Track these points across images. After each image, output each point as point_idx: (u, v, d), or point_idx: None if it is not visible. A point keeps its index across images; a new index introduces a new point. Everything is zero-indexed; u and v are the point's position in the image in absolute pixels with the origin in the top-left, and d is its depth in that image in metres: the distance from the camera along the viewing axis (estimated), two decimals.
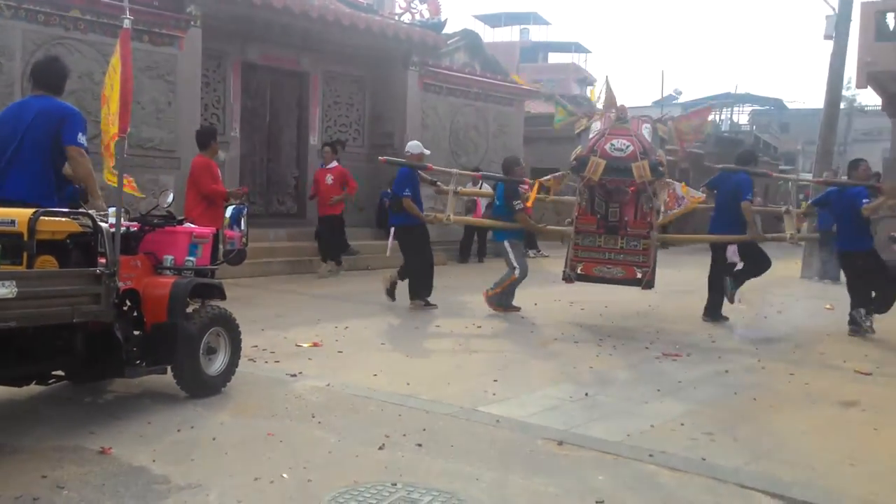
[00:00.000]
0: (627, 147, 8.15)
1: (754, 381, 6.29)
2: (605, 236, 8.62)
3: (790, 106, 56.29)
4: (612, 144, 8.16)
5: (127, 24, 4.68)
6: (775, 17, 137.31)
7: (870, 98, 50.65)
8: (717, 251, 9.38)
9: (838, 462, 4.39)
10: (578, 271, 8.79)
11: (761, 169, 9.64)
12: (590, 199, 8.65)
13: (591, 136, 8.44)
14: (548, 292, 11.29)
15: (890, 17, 18.87)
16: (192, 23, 11.70)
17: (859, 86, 20.42)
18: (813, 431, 4.98)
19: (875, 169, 23.38)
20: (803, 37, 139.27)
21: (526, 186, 9.29)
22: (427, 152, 9.41)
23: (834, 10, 16.10)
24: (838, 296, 11.44)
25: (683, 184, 9.41)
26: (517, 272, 9.03)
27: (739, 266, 9.31)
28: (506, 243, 9.17)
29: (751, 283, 9.38)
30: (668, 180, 8.91)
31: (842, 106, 25.12)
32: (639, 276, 8.63)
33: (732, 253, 9.47)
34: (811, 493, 3.87)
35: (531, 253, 17.45)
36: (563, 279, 8.89)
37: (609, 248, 8.66)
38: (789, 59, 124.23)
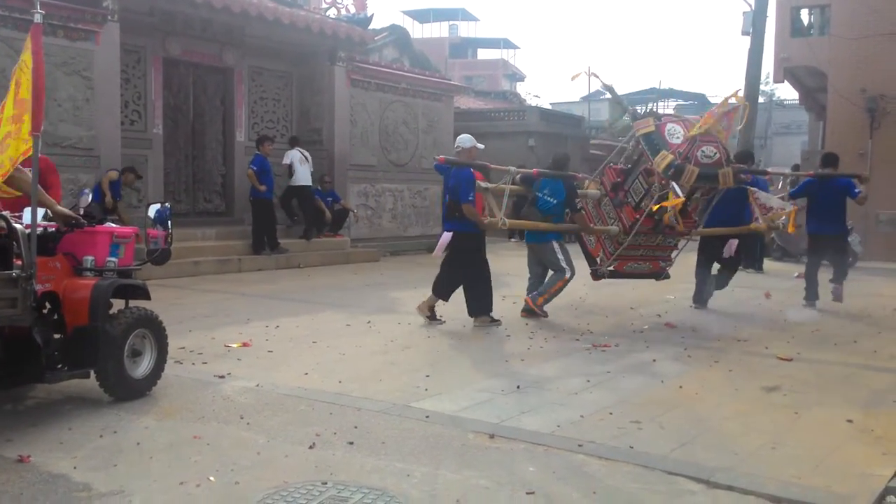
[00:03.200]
0: (715, 154, 8.18)
1: (680, 370, 6.43)
2: (647, 235, 8.62)
3: (713, 101, 57.75)
4: (702, 152, 8.09)
5: (38, 18, 4.52)
6: (696, 13, 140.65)
7: (788, 92, 52.25)
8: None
9: (761, 446, 4.51)
10: (612, 268, 8.80)
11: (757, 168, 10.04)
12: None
13: (672, 140, 8.20)
14: None
15: (804, 13, 19.53)
16: (109, 17, 11.40)
17: (776, 80, 21.13)
18: (736, 417, 5.11)
19: (794, 161, 24.22)
20: (723, 33, 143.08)
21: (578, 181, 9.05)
22: (480, 146, 8.35)
23: (750, 6, 16.59)
24: (765, 284, 11.85)
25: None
26: (568, 273, 8.52)
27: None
28: (554, 244, 8.55)
29: (682, 272, 9.64)
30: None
31: (761, 100, 25.89)
32: (662, 266, 9.04)
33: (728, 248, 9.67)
34: (734, 477, 3.96)
35: None
36: (594, 277, 8.95)
37: (647, 244, 8.79)
38: (711, 54, 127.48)
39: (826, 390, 5.86)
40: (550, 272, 8.69)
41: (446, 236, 8.05)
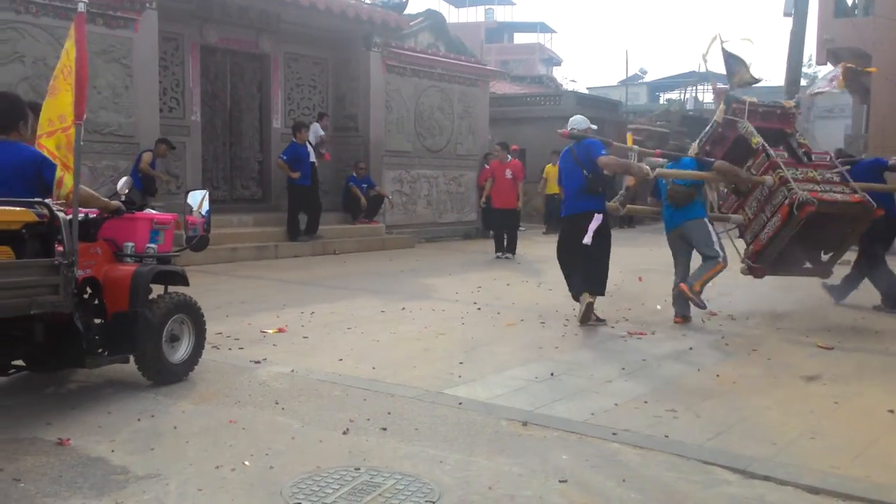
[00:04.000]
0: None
1: (717, 358, 6.36)
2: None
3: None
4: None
5: (82, 7, 4.55)
6: None
7: None
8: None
9: (799, 436, 4.44)
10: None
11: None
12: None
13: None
14: (516, 274, 11.34)
15: None
16: (148, 4, 11.50)
17: (819, 62, 20.67)
18: (775, 406, 5.03)
19: (837, 145, 23.76)
20: (764, 14, 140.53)
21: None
22: (594, 127, 7.99)
23: None
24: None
25: None
26: (722, 259, 7.69)
27: None
28: (706, 220, 7.86)
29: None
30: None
31: (804, 83, 25.41)
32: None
33: None
34: (771, 467, 3.91)
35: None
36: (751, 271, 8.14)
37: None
38: (752, 36, 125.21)
39: (867, 380, 5.76)
40: (703, 259, 7.74)
41: (597, 219, 7.41)
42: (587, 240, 7.39)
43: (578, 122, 7.87)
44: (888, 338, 7.31)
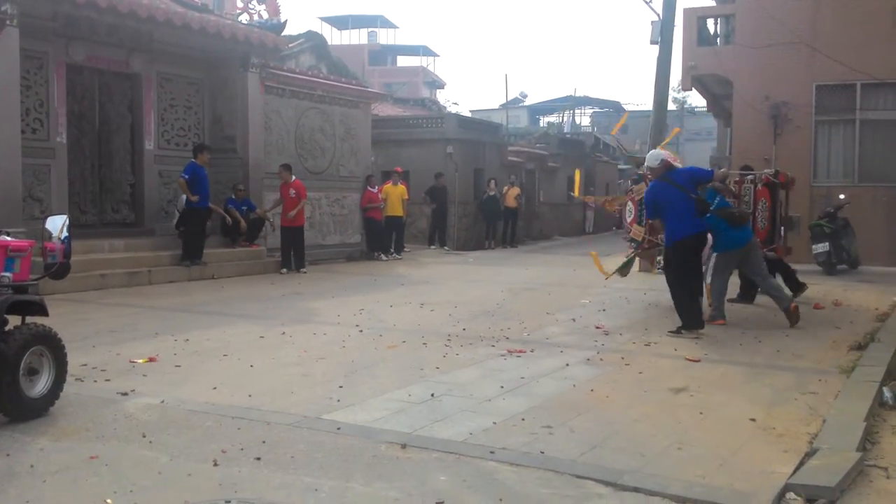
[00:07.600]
0: None
1: (592, 373, 6.51)
2: None
3: (627, 108, 59.05)
4: None
5: None
6: (609, 22, 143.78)
7: (698, 100, 53.89)
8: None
9: (667, 447, 4.59)
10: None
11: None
12: None
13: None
14: (399, 294, 11.33)
15: (710, 22, 20.12)
16: (8, 21, 10.90)
17: (685, 88, 21.69)
18: (644, 419, 5.19)
19: (704, 164, 24.84)
20: (635, 42, 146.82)
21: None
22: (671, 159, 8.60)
23: (658, 15, 16.97)
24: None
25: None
26: None
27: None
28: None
29: (593, 276, 9.77)
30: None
31: (673, 107, 26.54)
32: None
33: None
34: (641, 479, 4.02)
35: (384, 256, 17.47)
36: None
37: None
38: (624, 63, 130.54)
39: (731, 390, 6.01)
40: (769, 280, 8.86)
41: (710, 238, 8.13)
42: (706, 258, 8.17)
43: (656, 156, 8.38)
44: (751, 349, 7.68)
